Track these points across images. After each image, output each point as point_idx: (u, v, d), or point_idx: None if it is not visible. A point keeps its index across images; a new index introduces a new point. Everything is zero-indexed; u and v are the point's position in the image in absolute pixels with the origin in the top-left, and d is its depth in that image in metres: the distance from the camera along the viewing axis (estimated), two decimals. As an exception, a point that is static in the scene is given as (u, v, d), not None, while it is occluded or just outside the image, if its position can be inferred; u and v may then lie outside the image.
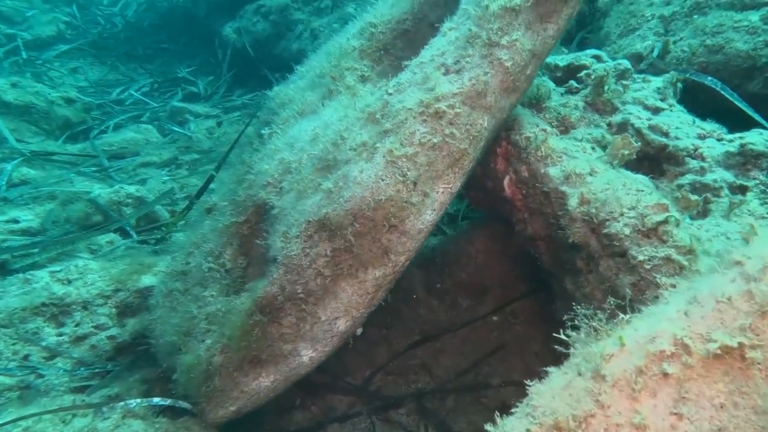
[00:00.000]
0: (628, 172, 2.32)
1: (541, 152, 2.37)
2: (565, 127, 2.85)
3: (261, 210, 2.78)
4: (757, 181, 2.49)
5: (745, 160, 2.55)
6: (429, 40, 3.06)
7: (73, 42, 10.16)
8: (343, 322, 2.35)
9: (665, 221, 1.85)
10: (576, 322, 1.41)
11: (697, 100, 3.10)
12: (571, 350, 1.39)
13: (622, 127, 2.77)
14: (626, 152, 2.30)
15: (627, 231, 1.93)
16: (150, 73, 9.68)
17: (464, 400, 2.95)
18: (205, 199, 3.54)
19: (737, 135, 2.69)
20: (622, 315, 1.34)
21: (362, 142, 2.35)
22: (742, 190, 2.47)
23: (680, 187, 2.52)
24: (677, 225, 1.86)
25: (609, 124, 2.84)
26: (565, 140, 2.45)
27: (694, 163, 2.57)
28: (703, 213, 2.32)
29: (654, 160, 2.60)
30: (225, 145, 6.24)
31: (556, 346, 1.44)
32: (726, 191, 2.47)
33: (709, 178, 2.50)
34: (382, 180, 2.20)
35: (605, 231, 1.97)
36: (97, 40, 10.83)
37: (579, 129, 2.79)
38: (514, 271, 3.24)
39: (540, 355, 3.03)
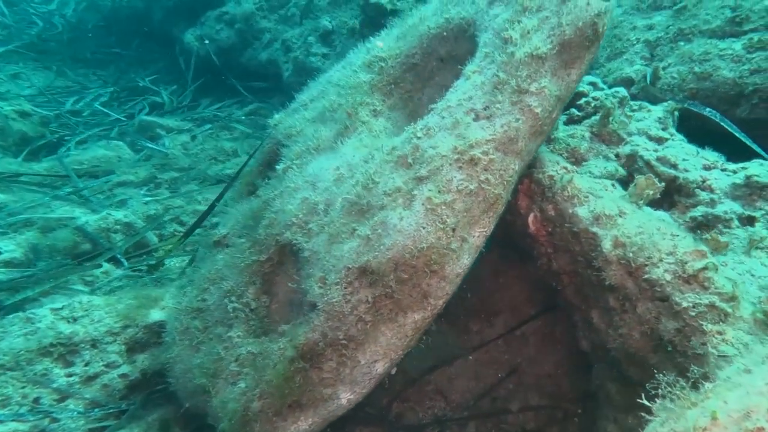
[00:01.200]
0: (652, 211, 2.44)
1: (568, 192, 2.46)
2: (575, 159, 2.96)
3: (285, 249, 2.80)
4: (764, 212, 2.64)
5: (750, 192, 2.69)
6: (437, 74, 3.15)
7: (6, 44, 9.74)
8: (382, 365, 2.40)
9: (705, 268, 1.96)
10: (659, 390, 1.50)
11: (689, 126, 3.25)
12: (656, 418, 1.47)
13: (631, 159, 2.89)
14: (651, 192, 2.42)
15: (668, 277, 2.03)
16: (104, 81, 9.43)
17: (485, 425, 3.04)
18: (209, 231, 3.52)
19: (740, 165, 2.84)
20: (704, 383, 1.43)
21: (396, 187, 2.39)
22: (750, 221, 2.62)
23: (693, 219, 2.65)
24: (716, 270, 1.98)
25: (617, 155, 2.96)
26: (587, 178, 2.55)
27: (703, 195, 2.71)
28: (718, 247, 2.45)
29: (664, 192, 2.71)
30: (203, 162, 6.20)
31: (642, 414, 1.52)
32: (736, 222, 2.62)
33: (719, 209, 2.65)
34: (423, 228, 2.26)
35: (646, 276, 2.07)
36: (36, 42, 10.42)
37: (590, 161, 2.91)
38: (523, 294, 3.34)
39: (554, 377, 3.14)
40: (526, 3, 2.56)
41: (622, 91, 3.26)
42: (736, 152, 3.08)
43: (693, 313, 1.92)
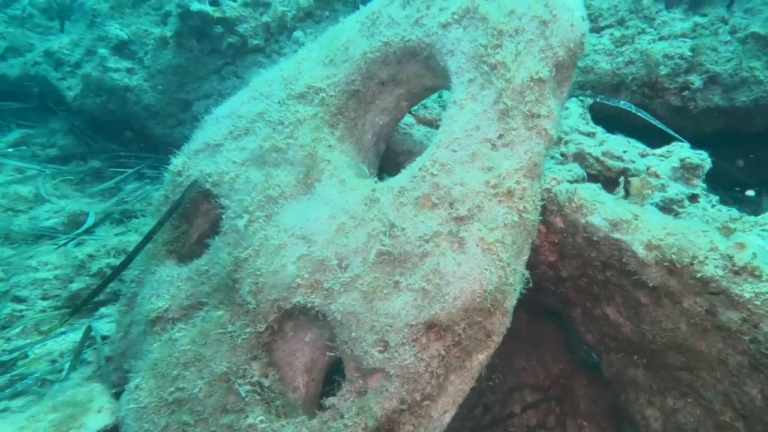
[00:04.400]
0: (656, 209, 2.66)
1: (575, 203, 2.57)
2: (531, 165, 3.08)
3: (292, 313, 2.54)
4: (701, 188, 3.01)
5: (686, 172, 3.05)
6: (378, 98, 3.05)
7: None
8: (450, 414, 2.33)
9: (753, 258, 2.21)
10: None
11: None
12: None
13: (580, 157, 3.09)
14: (648, 192, 2.62)
15: (720, 272, 2.24)
16: None
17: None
18: (138, 306, 3.06)
19: (664, 150, 3.19)
20: None
21: (435, 231, 2.30)
22: (695, 198, 2.97)
23: (655, 204, 2.93)
24: (756, 258, 2.23)
25: (563, 155, 3.14)
26: (586, 187, 2.68)
27: (654, 181, 3.01)
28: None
29: (616, 183, 2.96)
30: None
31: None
32: (686, 202, 2.95)
33: (671, 192, 2.96)
34: (486, 269, 2.21)
35: (699, 275, 2.26)
36: None
37: (550, 168, 3.05)
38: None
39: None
40: (499, 26, 2.56)
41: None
42: (640, 137, 3.45)
43: (758, 302, 2.15)
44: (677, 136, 3.34)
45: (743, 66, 3.71)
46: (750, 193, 4.30)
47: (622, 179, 2.80)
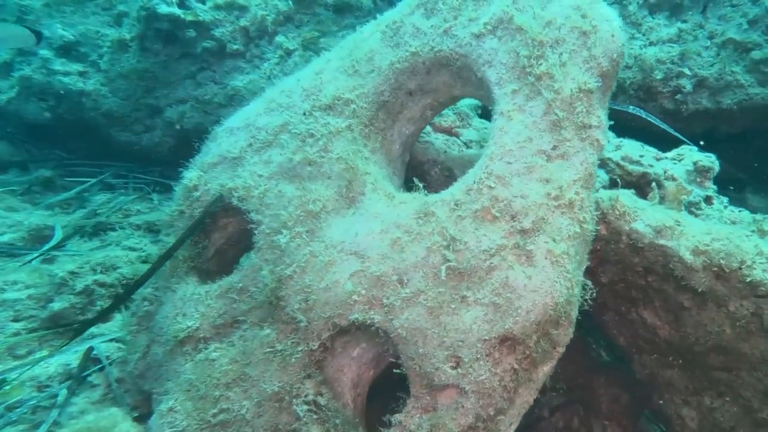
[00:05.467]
0: (688, 215, 2.76)
1: (618, 210, 2.64)
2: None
3: (348, 330, 2.50)
4: (712, 190, 3.15)
5: (699, 175, 3.18)
6: (405, 108, 3.04)
7: None
8: (514, 427, 2.35)
9: (798, 261, 2.33)
10: None
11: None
12: None
13: (602, 162, 3.17)
14: (684, 197, 2.72)
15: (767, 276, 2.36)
16: None
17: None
18: (168, 327, 2.93)
19: (675, 153, 3.31)
20: None
21: (500, 245, 2.31)
22: (709, 200, 3.10)
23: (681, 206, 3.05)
24: (799, 260, 2.36)
25: (583, 161, 3.21)
26: (627, 194, 2.75)
27: (671, 184, 3.12)
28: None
29: (638, 187, 3.06)
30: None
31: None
32: (703, 204, 3.08)
33: (690, 196, 3.08)
34: (556, 282, 2.24)
35: (748, 279, 2.37)
36: None
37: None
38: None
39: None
40: (538, 37, 2.60)
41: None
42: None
43: (809, 303, 2.27)
44: (686, 140, 3.48)
45: (726, 70, 3.90)
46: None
47: (654, 185, 2.89)
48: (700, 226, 2.55)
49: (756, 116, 3.99)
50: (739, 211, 3.09)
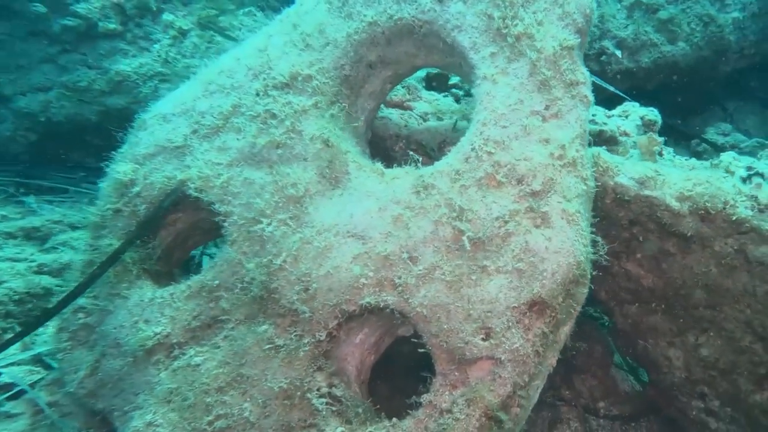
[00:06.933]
0: (667, 163, 2.84)
1: (601, 167, 2.67)
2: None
3: (355, 314, 2.35)
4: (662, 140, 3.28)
5: (647, 129, 3.31)
6: (367, 82, 2.90)
7: None
8: (540, 390, 2.33)
9: (772, 195, 2.47)
10: None
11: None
12: None
13: (557, 124, 3.20)
14: (656, 148, 2.80)
15: (750, 213, 2.48)
16: None
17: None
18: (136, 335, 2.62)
19: (620, 110, 3.42)
20: None
21: (512, 210, 2.26)
22: (660, 152, 3.24)
23: (635, 162, 3.14)
24: (773, 193, 2.50)
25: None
26: (604, 150, 2.79)
27: (626, 139, 3.22)
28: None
29: (596, 145, 3.13)
30: None
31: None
32: (657, 156, 3.21)
33: (624, 148, 3.19)
34: (576, 240, 2.22)
35: (734, 218, 2.47)
36: None
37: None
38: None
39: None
40: (507, -3, 2.55)
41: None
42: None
43: (787, 233, 2.42)
44: (627, 97, 3.60)
45: (641, 30, 4.09)
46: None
47: (625, 140, 2.96)
48: (679, 174, 2.64)
49: (669, 72, 4.23)
50: (686, 159, 3.24)
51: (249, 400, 2.36)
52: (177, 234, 3.02)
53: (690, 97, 4.77)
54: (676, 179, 2.61)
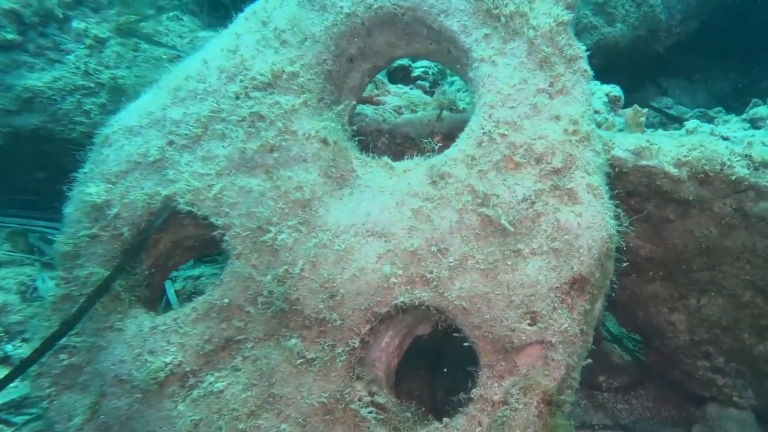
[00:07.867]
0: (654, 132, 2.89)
1: (595, 142, 2.69)
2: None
3: (388, 316, 2.24)
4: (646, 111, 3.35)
5: (613, 105, 3.38)
6: (348, 76, 2.80)
7: None
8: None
9: (763, 153, 2.57)
10: None
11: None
12: None
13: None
14: (642, 119, 2.84)
15: (747, 171, 2.56)
16: None
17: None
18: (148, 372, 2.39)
19: (586, 88, 3.47)
20: None
21: (536, 190, 2.21)
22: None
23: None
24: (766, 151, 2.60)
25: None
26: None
27: (599, 117, 3.27)
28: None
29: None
30: None
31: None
32: (618, 128, 3.29)
33: (609, 122, 3.26)
34: (604, 213, 2.21)
35: (733, 178, 2.55)
36: None
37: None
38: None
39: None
40: (496, -24, 2.52)
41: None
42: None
43: (785, 187, 2.52)
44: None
45: (581, 13, 4.19)
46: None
47: (598, 117, 2.99)
48: (670, 141, 2.69)
49: (610, 52, 4.34)
50: (652, 130, 3.33)
51: (286, 421, 2.19)
52: (158, 256, 2.78)
53: (628, 76, 4.95)
54: (669, 147, 2.66)
